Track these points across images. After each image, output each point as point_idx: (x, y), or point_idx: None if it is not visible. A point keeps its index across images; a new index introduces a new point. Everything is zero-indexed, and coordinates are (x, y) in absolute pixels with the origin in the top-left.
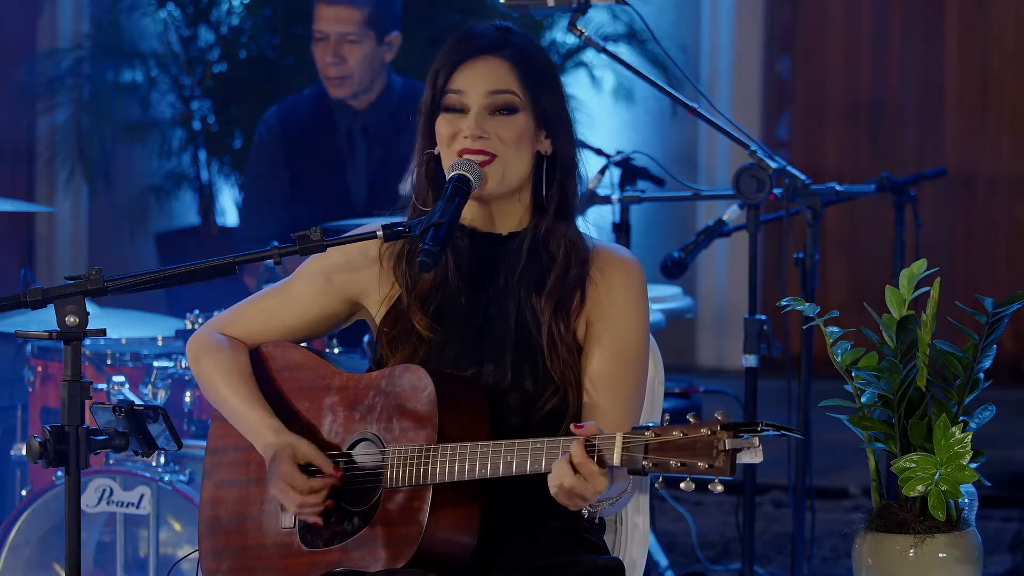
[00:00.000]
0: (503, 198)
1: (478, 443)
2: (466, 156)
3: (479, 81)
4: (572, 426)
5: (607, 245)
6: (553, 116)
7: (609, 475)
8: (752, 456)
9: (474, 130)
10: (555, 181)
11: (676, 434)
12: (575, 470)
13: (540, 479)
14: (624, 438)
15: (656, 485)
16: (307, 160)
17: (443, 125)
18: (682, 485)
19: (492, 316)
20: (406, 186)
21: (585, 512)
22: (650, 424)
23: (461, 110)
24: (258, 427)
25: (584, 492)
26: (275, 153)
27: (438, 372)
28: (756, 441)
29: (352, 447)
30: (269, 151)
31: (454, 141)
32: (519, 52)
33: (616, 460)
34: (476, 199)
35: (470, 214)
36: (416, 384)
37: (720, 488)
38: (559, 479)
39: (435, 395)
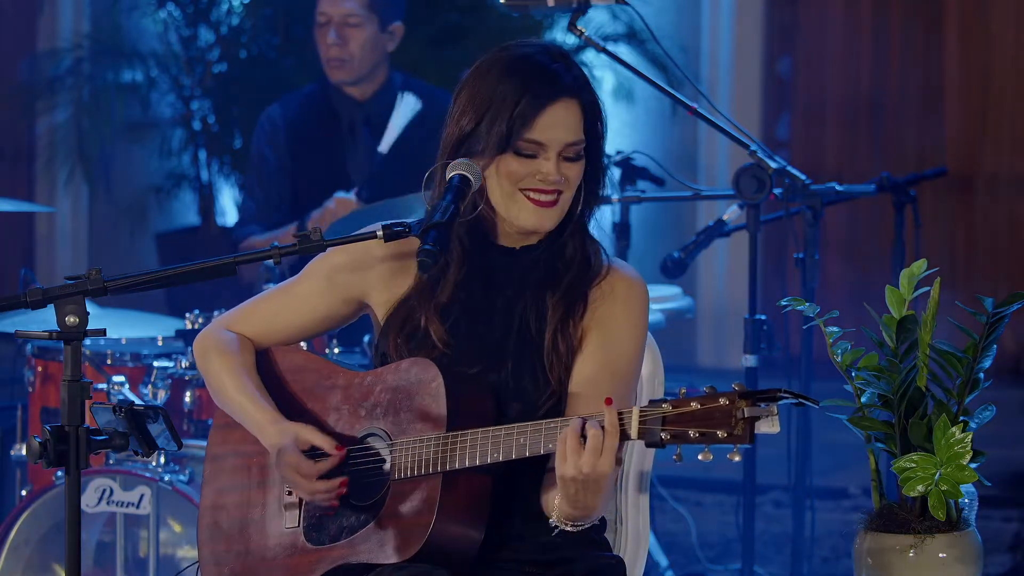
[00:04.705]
0: None
1: (488, 429)
2: (533, 195)
3: (559, 132)
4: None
5: (616, 263)
6: (599, 143)
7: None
8: (769, 426)
9: (555, 175)
10: (581, 200)
11: (694, 405)
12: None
13: (543, 476)
14: (641, 411)
15: (674, 458)
16: (309, 154)
17: (515, 164)
18: (700, 456)
19: (496, 328)
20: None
21: (562, 524)
22: (666, 397)
23: (534, 156)
24: (263, 423)
25: (604, 469)
26: (277, 140)
27: (447, 368)
28: (774, 409)
29: (358, 443)
30: (272, 139)
31: (524, 180)
32: (585, 91)
33: (634, 433)
34: (536, 231)
35: (499, 229)
36: (423, 377)
37: (738, 458)
38: (579, 465)
39: (443, 387)
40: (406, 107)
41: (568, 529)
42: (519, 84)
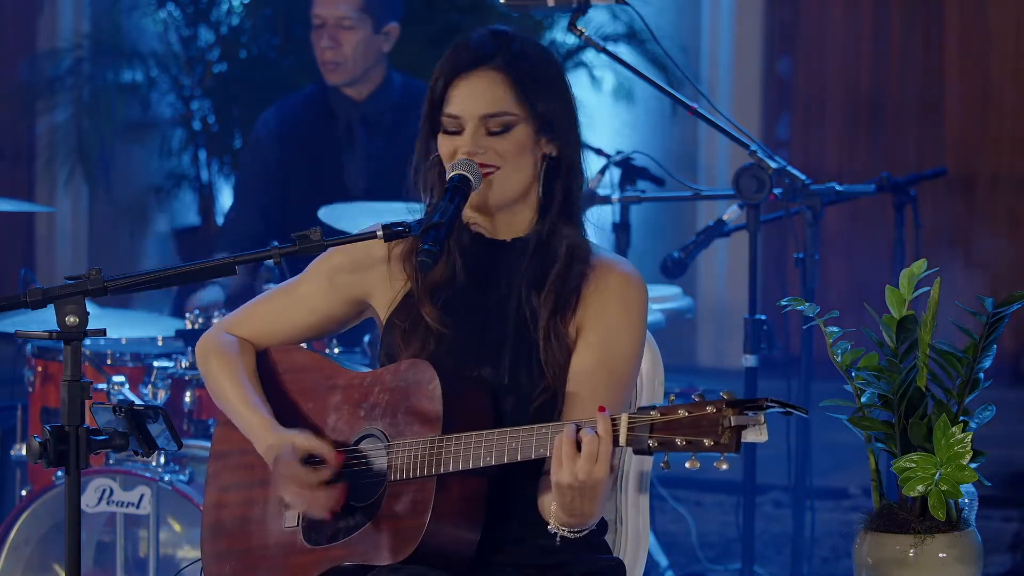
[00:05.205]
0: (507, 206)
1: (482, 432)
2: None
3: (473, 103)
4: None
5: (611, 257)
6: (555, 119)
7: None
8: (757, 435)
9: (470, 147)
10: (559, 182)
11: (681, 413)
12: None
13: (540, 480)
14: (630, 418)
15: (662, 465)
16: (306, 155)
17: (442, 143)
18: (687, 464)
19: (491, 322)
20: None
21: (561, 531)
22: (655, 404)
23: (458, 131)
24: (258, 429)
25: (599, 476)
26: (269, 154)
27: (445, 369)
28: (761, 418)
29: (356, 444)
30: (263, 151)
31: (453, 158)
32: (514, 61)
33: (622, 440)
34: (479, 209)
35: (476, 219)
36: (421, 379)
37: (725, 466)
38: (575, 472)
39: (441, 389)
40: None
41: (567, 535)
42: (442, 63)
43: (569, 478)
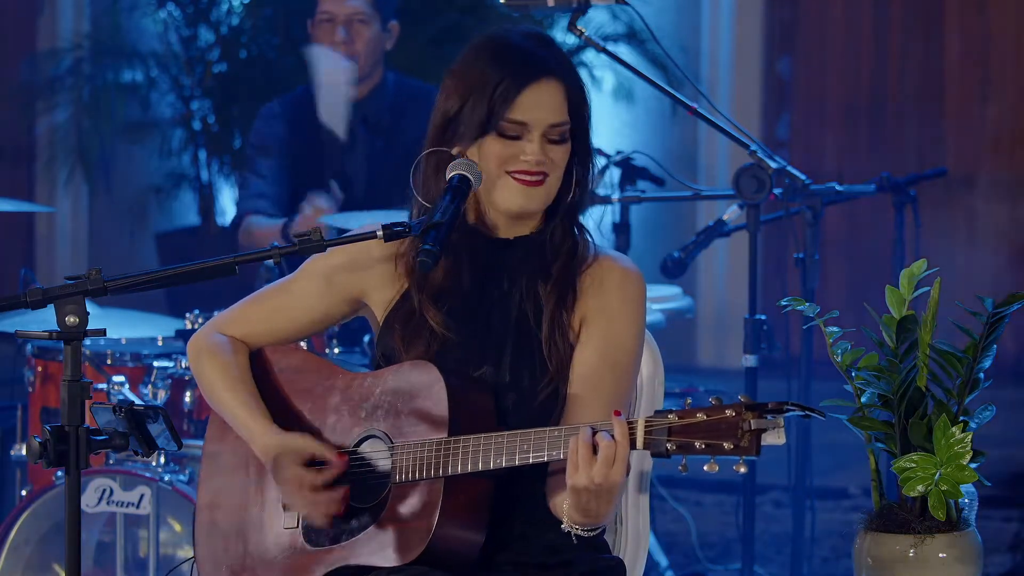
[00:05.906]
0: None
1: (491, 434)
2: (519, 176)
3: (542, 112)
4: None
5: (611, 253)
6: (585, 126)
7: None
8: (775, 438)
9: (539, 156)
10: (571, 184)
11: (700, 416)
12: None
13: (543, 476)
14: (647, 421)
15: (680, 468)
16: (305, 155)
17: (498, 146)
18: (705, 467)
19: (494, 320)
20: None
21: (573, 529)
22: (672, 408)
23: (518, 137)
24: (254, 431)
25: (616, 479)
26: (279, 129)
27: (447, 369)
28: (780, 421)
29: (358, 445)
30: (273, 130)
31: (509, 163)
32: (568, 74)
33: (639, 444)
34: (521, 215)
35: (487, 219)
36: (425, 380)
37: (744, 470)
38: (592, 475)
39: (446, 391)
40: None
41: (581, 534)
42: (500, 65)
43: (585, 481)
